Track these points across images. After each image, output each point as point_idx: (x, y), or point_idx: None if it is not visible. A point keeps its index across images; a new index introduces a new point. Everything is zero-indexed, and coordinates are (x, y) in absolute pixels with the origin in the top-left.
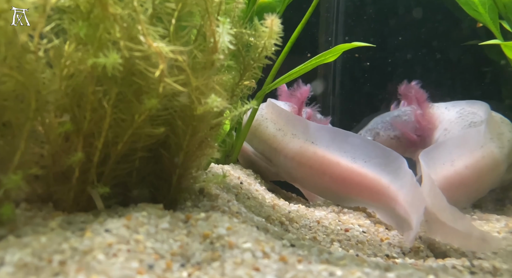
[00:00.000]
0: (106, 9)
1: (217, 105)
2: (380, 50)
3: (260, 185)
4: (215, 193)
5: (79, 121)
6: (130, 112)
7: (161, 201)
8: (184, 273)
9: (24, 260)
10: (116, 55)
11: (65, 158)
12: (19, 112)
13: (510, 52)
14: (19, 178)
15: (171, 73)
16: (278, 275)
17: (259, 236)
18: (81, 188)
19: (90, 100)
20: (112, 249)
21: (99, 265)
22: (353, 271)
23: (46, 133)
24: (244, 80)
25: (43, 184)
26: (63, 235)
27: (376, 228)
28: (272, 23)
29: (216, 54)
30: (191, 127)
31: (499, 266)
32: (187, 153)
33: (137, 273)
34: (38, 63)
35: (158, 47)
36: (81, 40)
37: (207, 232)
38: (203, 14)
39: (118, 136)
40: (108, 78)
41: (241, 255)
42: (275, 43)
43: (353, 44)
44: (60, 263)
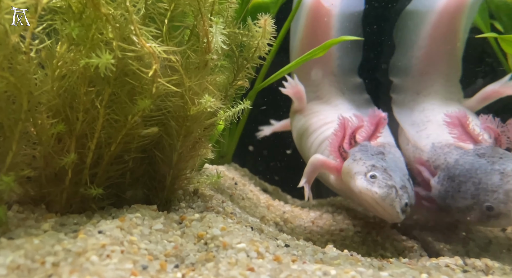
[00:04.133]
0: (98, 9)
1: (210, 106)
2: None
3: (254, 185)
4: (209, 193)
5: (71, 122)
6: (123, 113)
7: (155, 202)
8: (178, 274)
9: (17, 262)
10: (108, 55)
11: (58, 159)
12: (11, 113)
13: (506, 46)
14: (11, 179)
15: (164, 74)
16: (273, 275)
17: (254, 237)
18: (74, 189)
19: (83, 101)
20: (105, 250)
21: (93, 267)
22: (347, 270)
23: (38, 134)
24: (237, 80)
25: (36, 185)
26: (56, 237)
27: (370, 228)
28: (265, 23)
29: (209, 54)
30: (185, 128)
31: (491, 264)
32: (180, 153)
33: (131, 274)
34: (30, 64)
35: (151, 47)
36: (73, 41)
37: (202, 233)
38: (196, 14)
39: (111, 137)
40: (101, 78)
41: (235, 256)
42: (268, 43)
43: (341, 38)
44: (53, 264)
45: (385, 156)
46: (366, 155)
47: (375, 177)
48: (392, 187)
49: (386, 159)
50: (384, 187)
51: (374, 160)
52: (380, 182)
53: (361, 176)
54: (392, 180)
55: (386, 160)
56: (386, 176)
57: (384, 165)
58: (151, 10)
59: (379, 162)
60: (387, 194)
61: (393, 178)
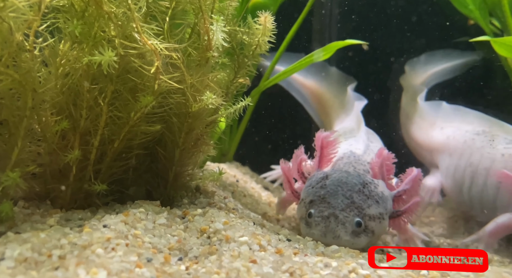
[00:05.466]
0: (100, 7)
1: (212, 103)
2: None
3: (256, 183)
4: (211, 190)
5: (75, 119)
6: (126, 110)
7: (158, 199)
8: (182, 266)
9: (24, 255)
10: (111, 53)
11: (62, 155)
12: (16, 110)
13: (499, 49)
14: (17, 175)
15: (166, 71)
16: (275, 267)
17: (256, 230)
18: (78, 185)
19: (86, 98)
20: (110, 243)
21: (98, 259)
22: (348, 262)
23: (43, 131)
24: (238, 78)
25: (41, 181)
26: (61, 231)
27: None
28: (265, 21)
29: (210, 52)
30: (187, 125)
31: (490, 258)
32: (183, 150)
33: (136, 266)
34: (34, 61)
35: (153, 44)
36: (76, 39)
37: (205, 227)
38: (197, 12)
39: (114, 134)
40: (104, 76)
41: (238, 249)
42: (269, 41)
43: (346, 41)
44: (59, 257)
45: (328, 178)
46: (306, 190)
47: (311, 215)
48: (328, 217)
49: (327, 183)
50: (319, 222)
51: (313, 192)
52: (315, 220)
53: (303, 221)
54: (329, 208)
55: (327, 183)
56: (323, 206)
57: (322, 193)
58: (153, 8)
59: (318, 191)
60: (325, 228)
61: (331, 203)
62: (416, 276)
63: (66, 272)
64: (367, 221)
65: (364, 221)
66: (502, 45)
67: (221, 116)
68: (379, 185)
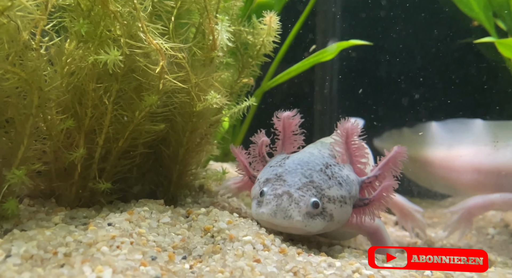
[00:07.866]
0: (106, 7)
1: (216, 102)
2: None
3: None
4: (215, 189)
5: (80, 118)
6: (131, 109)
7: (162, 197)
8: (186, 265)
9: (30, 252)
10: (116, 52)
11: (67, 154)
12: (22, 109)
13: (504, 50)
14: (22, 173)
15: (170, 71)
16: (279, 266)
17: (259, 230)
18: (83, 183)
19: (91, 97)
20: (115, 241)
21: (104, 257)
22: (351, 262)
23: (48, 129)
24: (242, 78)
25: (46, 179)
26: (67, 229)
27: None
28: (270, 21)
29: (215, 52)
30: (191, 124)
31: (494, 259)
32: (187, 149)
33: (141, 264)
34: (40, 60)
35: (158, 44)
36: (82, 38)
37: (208, 226)
38: (202, 12)
39: (119, 132)
40: (109, 75)
41: (242, 248)
42: (273, 41)
43: (350, 42)
44: (65, 255)
45: (288, 158)
46: (264, 170)
47: (263, 194)
48: (282, 195)
49: (286, 162)
50: (271, 201)
51: (270, 170)
52: (267, 198)
53: (254, 201)
54: (284, 185)
55: (286, 162)
56: (277, 184)
57: (280, 170)
58: (158, 7)
59: (275, 169)
60: (276, 207)
61: (287, 181)
62: (419, 276)
63: (71, 270)
64: (325, 203)
65: (323, 202)
66: (507, 47)
67: (225, 116)
68: (344, 168)
